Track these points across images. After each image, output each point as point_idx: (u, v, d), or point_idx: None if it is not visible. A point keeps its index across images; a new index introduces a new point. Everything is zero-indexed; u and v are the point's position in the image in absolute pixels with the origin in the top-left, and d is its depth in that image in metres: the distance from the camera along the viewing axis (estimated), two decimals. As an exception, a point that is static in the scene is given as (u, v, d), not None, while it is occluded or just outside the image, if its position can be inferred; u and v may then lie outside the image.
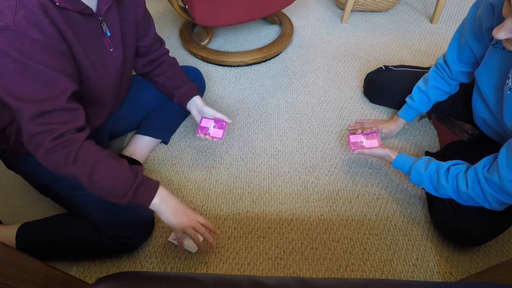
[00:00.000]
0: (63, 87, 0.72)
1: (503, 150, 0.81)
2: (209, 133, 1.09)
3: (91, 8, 0.76)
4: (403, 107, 1.24)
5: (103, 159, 0.77)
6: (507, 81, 0.86)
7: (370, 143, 1.14)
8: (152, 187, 0.84)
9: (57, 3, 0.67)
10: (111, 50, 0.86)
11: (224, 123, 1.10)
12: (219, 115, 1.10)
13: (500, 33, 0.68)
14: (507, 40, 0.73)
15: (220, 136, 1.09)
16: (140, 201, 0.82)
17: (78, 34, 0.75)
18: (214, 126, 1.10)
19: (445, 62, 1.10)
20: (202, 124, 1.11)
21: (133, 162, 1.18)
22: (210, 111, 1.10)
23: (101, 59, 0.84)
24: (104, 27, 0.82)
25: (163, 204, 0.85)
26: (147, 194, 0.83)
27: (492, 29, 0.89)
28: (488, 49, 0.95)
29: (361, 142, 1.15)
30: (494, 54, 0.92)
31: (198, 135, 1.09)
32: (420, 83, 1.18)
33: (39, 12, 0.65)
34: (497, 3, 0.84)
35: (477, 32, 0.96)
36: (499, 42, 0.89)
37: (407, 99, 1.22)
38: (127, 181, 0.79)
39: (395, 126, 1.28)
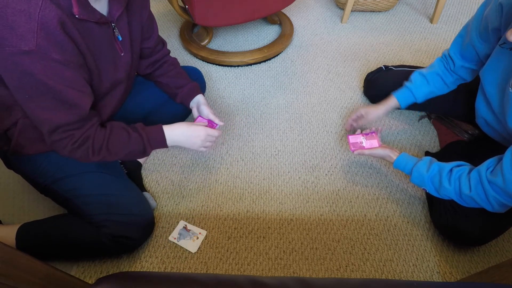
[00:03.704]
0: (82, 104, 0.78)
1: (508, 153, 0.80)
2: None
3: (106, 17, 0.78)
4: (399, 89, 1.19)
5: (110, 138, 0.86)
6: (511, 81, 0.86)
7: (370, 144, 1.14)
8: (158, 133, 0.94)
9: (76, 16, 0.70)
10: (122, 54, 0.89)
11: (215, 125, 1.10)
12: (212, 116, 1.10)
13: None
14: None
15: None
16: (158, 147, 0.95)
17: (92, 44, 0.78)
18: (206, 126, 1.10)
19: (449, 55, 1.11)
20: (196, 122, 1.11)
21: (132, 162, 1.19)
22: (205, 111, 1.11)
23: (112, 64, 0.87)
24: (116, 32, 0.85)
25: (173, 139, 0.96)
26: (159, 140, 0.94)
27: (499, 29, 0.89)
28: (495, 49, 0.95)
29: (361, 142, 1.15)
30: (501, 54, 0.91)
31: None
32: (420, 70, 1.17)
33: (59, 32, 0.67)
34: (507, 3, 0.84)
35: (483, 32, 0.96)
36: (506, 42, 0.89)
37: (405, 82, 1.18)
38: (137, 140, 0.90)
39: (384, 107, 1.21)
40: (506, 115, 0.90)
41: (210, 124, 1.10)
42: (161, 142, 0.94)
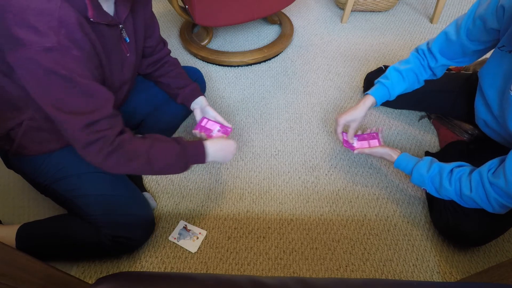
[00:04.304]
0: (107, 97, 0.77)
1: (511, 155, 0.79)
2: (212, 135, 1.09)
3: (116, 19, 0.79)
4: (373, 88, 1.13)
5: (151, 147, 0.84)
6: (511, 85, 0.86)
7: (363, 144, 1.13)
8: (199, 148, 0.93)
9: (91, 19, 0.71)
10: (128, 55, 0.90)
11: (229, 129, 1.10)
12: (220, 119, 1.11)
13: None
14: None
15: None
16: (198, 162, 0.93)
17: (104, 46, 0.79)
18: (219, 130, 1.10)
19: (430, 51, 1.07)
20: (203, 124, 1.11)
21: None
22: (212, 113, 1.12)
23: (120, 65, 0.88)
24: (124, 34, 0.86)
25: (213, 155, 0.95)
26: (199, 156, 0.93)
27: (498, 30, 0.89)
28: (493, 52, 0.94)
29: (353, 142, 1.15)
30: (501, 57, 0.91)
31: (194, 131, 1.10)
32: (395, 65, 1.13)
33: (78, 30, 0.68)
34: (509, 6, 0.83)
35: (473, 30, 0.95)
36: (506, 45, 0.88)
37: (378, 79, 1.14)
38: (179, 154, 0.88)
39: (362, 107, 1.12)
40: (506, 118, 0.90)
41: (224, 128, 1.11)
42: (201, 157, 0.93)
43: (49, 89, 0.69)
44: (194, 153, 0.91)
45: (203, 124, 1.11)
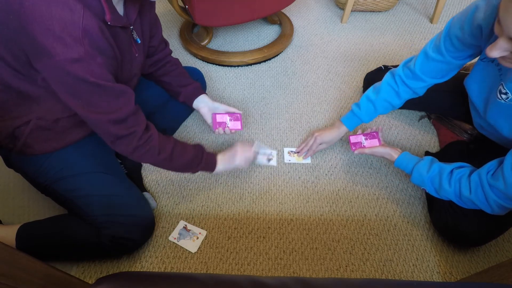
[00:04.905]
0: (129, 94, 0.81)
1: (508, 157, 0.79)
2: (228, 126, 1.14)
3: (128, 21, 0.81)
4: (347, 114, 1.18)
5: (175, 146, 0.93)
6: (498, 95, 0.86)
7: (370, 143, 1.14)
8: (213, 157, 1.03)
9: (109, 23, 0.73)
10: (137, 55, 0.91)
11: (239, 115, 1.14)
12: (232, 109, 1.14)
13: (493, 52, 0.70)
14: (503, 57, 0.72)
15: (240, 127, 1.15)
16: (207, 169, 1.04)
17: (120, 48, 0.81)
18: (231, 120, 1.14)
19: (416, 76, 1.04)
20: (218, 119, 1.14)
21: (132, 162, 1.19)
22: (222, 106, 1.15)
23: (130, 65, 0.89)
24: (135, 35, 0.87)
25: (222, 164, 1.05)
26: (211, 165, 1.03)
27: (478, 46, 0.90)
28: (476, 63, 0.96)
29: (361, 142, 1.15)
30: (485, 66, 0.92)
31: (216, 131, 1.14)
32: (369, 92, 1.14)
33: (100, 37, 0.71)
34: (486, 26, 0.82)
35: (454, 51, 0.94)
36: (487, 56, 0.89)
37: (353, 106, 1.17)
38: (195, 156, 0.98)
39: (337, 133, 1.20)
40: (496, 124, 0.91)
41: (233, 116, 1.13)
42: (212, 165, 1.03)
43: (79, 95, 0.73)
44: (207, 160, 1.01)
45: (218, 120, 1.14)
